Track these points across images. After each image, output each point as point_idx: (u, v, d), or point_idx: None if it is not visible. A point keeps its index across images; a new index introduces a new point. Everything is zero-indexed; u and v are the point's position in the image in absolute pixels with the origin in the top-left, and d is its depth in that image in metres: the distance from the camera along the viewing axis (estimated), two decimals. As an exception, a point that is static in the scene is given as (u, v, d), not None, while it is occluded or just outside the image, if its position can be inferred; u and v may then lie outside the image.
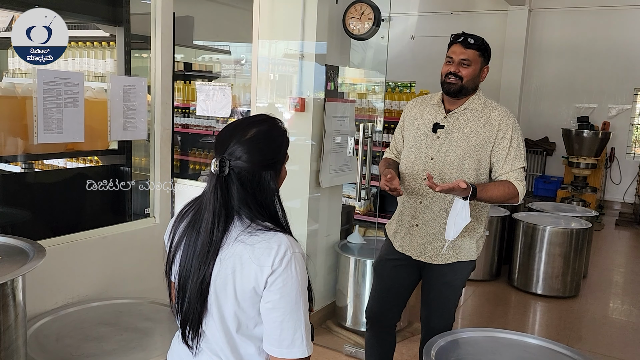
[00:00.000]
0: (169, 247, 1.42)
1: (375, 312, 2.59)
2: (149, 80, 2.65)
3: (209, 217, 1.31)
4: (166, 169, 2.73)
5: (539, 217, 5.06)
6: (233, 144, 1.32)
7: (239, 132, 1.35)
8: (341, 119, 3.66)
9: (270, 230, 1.32)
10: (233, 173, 1.31)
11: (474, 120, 2.34)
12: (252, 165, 1.32)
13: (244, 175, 1.32)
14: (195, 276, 1.32)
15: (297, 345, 1.31)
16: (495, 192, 2.23)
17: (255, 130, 1.35)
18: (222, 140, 1.35)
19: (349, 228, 4.18)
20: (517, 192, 2.26)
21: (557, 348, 2.05)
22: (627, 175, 8.82)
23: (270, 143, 1.36)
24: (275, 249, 1.29)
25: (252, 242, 1.30)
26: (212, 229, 1.31)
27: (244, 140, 1.33)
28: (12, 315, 1.65)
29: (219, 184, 1.31)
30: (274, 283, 1.28)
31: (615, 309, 4.70)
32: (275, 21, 3.54)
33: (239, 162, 1.31)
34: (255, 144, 1.33)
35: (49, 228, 2.71)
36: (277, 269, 1.28)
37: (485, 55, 2.33)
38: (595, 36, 8.73)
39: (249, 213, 1.33)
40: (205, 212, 1.33)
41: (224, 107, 4.34)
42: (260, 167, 1.33)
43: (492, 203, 2.32)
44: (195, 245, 1.33)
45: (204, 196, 1.36)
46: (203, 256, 1.31)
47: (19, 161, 2.77)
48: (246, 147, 1.32)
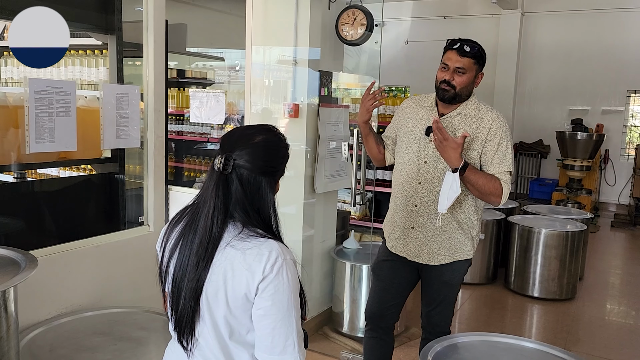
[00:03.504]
0: (162, 254, 1.41)
1: (375, 312, 2.60)
2: (141, 88, 2.64)
3: (209, 212, 1.32)
4: (160, 176, 2.72)
5: (535, 219, 5.06)
6: (240, 145, 1.35)
7: (247, 135, 1.38)
8: (335, 125, 3.66)
9: (262, 236, 1.32)
10: (235, 173, 1.33)
11: (466, 125, 2.35)
12: (254, 168, 1.34)
13: (245, 177, 1.33)
14: (192, 273, 1.31)
15: (288, 352, 1.31)
16: (481, 179, 2.27)
17: (262, 137, 1.38)
18: (229, 139, 1.38)
19: (344, 233, 4.17)
20: (501, 191, 2.29)
21: (555, 352, 2.04)
22: (621, 177, 8.85)
23: (275, 152, 1.40)
24: (266, 255, 1.29)
25: (243, 248, 1.30)
26: (211, 225, 1.31)
27: (250, 144, 1.36)
28: (4, 327, 1.63)
29: (221, 181, 1.32)
30: (266, 289, 1.28)
31: (612, 311, 4.70)
32: (269, 27, 3.55)
33: (242, 162, 1.33)
34: (261, 150, 1.36)
35: (42, 237, 2.70)
36: (268, 275, 1.28)
37: (480, 62, 2.34)
38: (587, 39, 8.78)
39: (243, 217, 1.33)
40: (205, 207, 1.33)
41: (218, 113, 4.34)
42: (260, 173, 1.35)
43: (475, 190, 2.30)
44: (192, 244, 1.33)
45: (204, 192, 1.36)
46: (202, 253, 1.31)
47: (11, 170, 2.75)
48: (252, 150, 1.35)
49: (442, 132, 2.18)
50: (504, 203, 2.34)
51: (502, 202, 2.32)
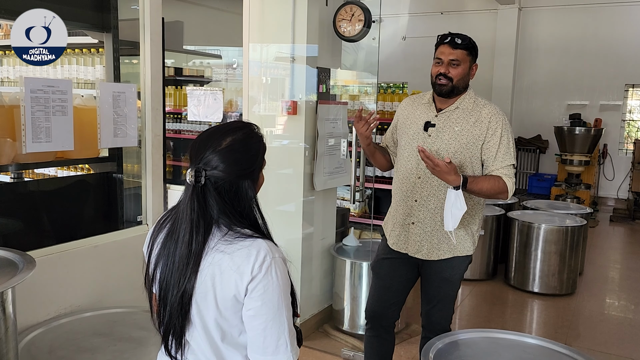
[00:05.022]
0: (148, 258, 1.38)
1: (376, 311, 2.59)
2: (139, 87, 2.62)
3: (187, 228, 1.28)
4: (158, 175, 2.71)
5: (534, 215, 5.06)
6: (208, 153, 1.29)
7: (214, 140, 1.31)
8: (334, 122, 3.65)
9: (249, 237, 1.29)
10: (210, 183, 1.28)
11: (464, 119, 2.35)
12: (229, 175, 1.29)
13: (221, 185, 1.29)
14: (176, 289, 1.28)
15: (281, 352, 1.29)
16: (485, 185, 2.26)
17: (230, 139, 1.31)
18: (197, 149, 1.31)
19: (344, 231, 4.16)
20: (507, 188, 2.29)
21: (557, 348, 2.04)
22: (620, 171, 8.85)
23: (247, 152, 1.33)
24: (254, 255, 1.26)
25: (231, 251, 1.27)
26: (190, 240, 1.27)
27: (219, 150, 1.29)
28: (3, 329, 1.62)
29: (195, 194, 1.28)
30: (255, 289, 1.26)
31: (612, 305, 4.70)
32: (266, 25, 3.53)
33: (214, 171, 1.28)
34: (231, 154, 1.30)
35: (40, 238, 2.68)
36: (257, 275, 1.26)
37: (473, 53, 2.35)
38: (585, 33, 8.77)
39: (227, 222, 1.30)
40: (183, 223, 1.29)
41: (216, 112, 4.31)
42: (237, 177, 1.30)
43: (482, 196, 2.35)
44: (174, 257, 1.30)
45: (180, 207, 1.32)
46: (182, 268, 1.28)
47: (8, 171, 2.73)
48: (222, 156, 1.29)
49: (432, 159, 2.16)
50: (510, 197, 2.34)
51: (509, 196, 2.33)
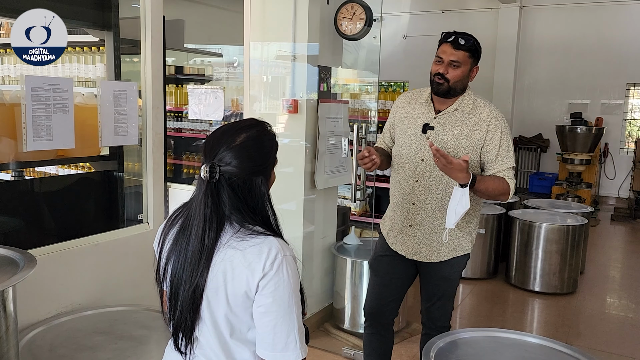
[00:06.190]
0: (159, 254, 1.39)
1: (374, 309, 2.58)
2: (139, 85, 2.62)
3: (200, 224, 1.29)
4: (159, 173, 2.70)
5: (535, 214, 5.06)
6: (223, 149, 1.31)
7: (228, 137, 1.33)
8: (335, 120, 3.64)
9: (261, 234, 1.31)
10: (223, 179, 1.30)
11: (463, 122, 2.33)
12: (243, 171, 1.31)
13: (235, 181, 1.31)
14: (188, 284, 1.30)
15: (290, 349, 1.30)
16: (491, 185, 2.25)
17: (244, 135, 1.34)
18: (211, 145, 1.34)
19: (345, 229, 4.16)
20: (509, 189, 2.29)
21: (558, 347, 2.03)
22: (621, 170, 8.84)
23: (260, 149, 1.35)
24: (266, 253, 1.28)
25: (243, 247, 1.29)
26: (202, 236, 1.29)
27: (233, 146, 1.31)
28: (3, 327, 1.62)
29: (209, 190, 1.30)
30: (266, 287, 1.27)
31: (612, 304, 4.69)
32: (267, 23, 3.52)
33: (228, 167, 1.30)
34: (245, 150, 1.32)
35: (40, 236, 2.68)
36: (268, 272, 1.27)
37: (475, 55, 2.30)
38: (586, 32, 8.76)
39: (240, 218, 1.31)
40: (195, 218, 1.31)
41: (217, 110, 4.32)
42: (250, 173, 1.32)
43: (485, 196, 2.32)
44: (187, 252, 1.31)
45: (193, 202, 1.34)
46: (195, 263, 1.29)
47: (9, 169, 2.73)
48: (236, 153, 1.31)
49: (446, 157, 2.10)
50: (510, 198, 2.34)
51: (510, 198, 2.32)
